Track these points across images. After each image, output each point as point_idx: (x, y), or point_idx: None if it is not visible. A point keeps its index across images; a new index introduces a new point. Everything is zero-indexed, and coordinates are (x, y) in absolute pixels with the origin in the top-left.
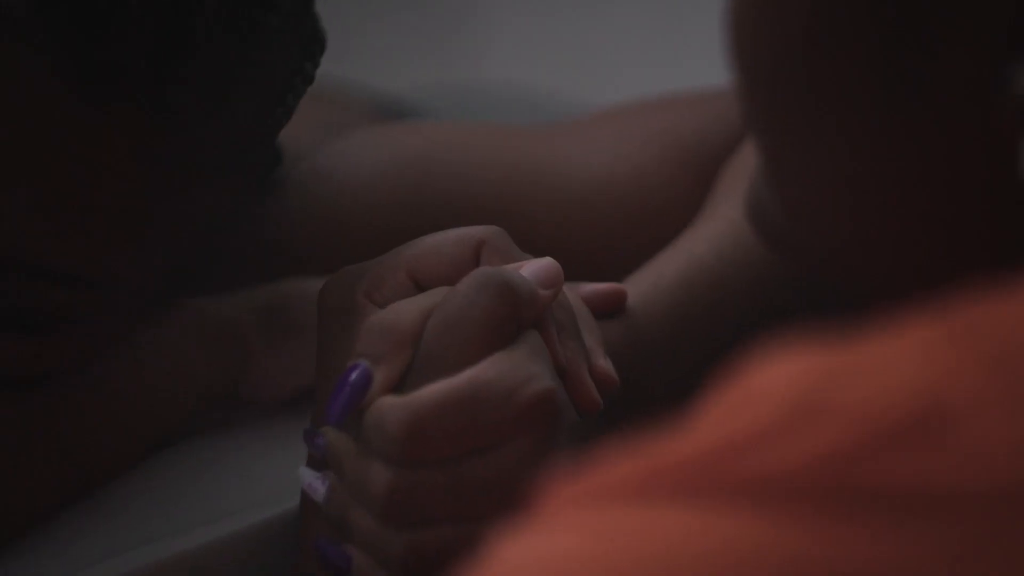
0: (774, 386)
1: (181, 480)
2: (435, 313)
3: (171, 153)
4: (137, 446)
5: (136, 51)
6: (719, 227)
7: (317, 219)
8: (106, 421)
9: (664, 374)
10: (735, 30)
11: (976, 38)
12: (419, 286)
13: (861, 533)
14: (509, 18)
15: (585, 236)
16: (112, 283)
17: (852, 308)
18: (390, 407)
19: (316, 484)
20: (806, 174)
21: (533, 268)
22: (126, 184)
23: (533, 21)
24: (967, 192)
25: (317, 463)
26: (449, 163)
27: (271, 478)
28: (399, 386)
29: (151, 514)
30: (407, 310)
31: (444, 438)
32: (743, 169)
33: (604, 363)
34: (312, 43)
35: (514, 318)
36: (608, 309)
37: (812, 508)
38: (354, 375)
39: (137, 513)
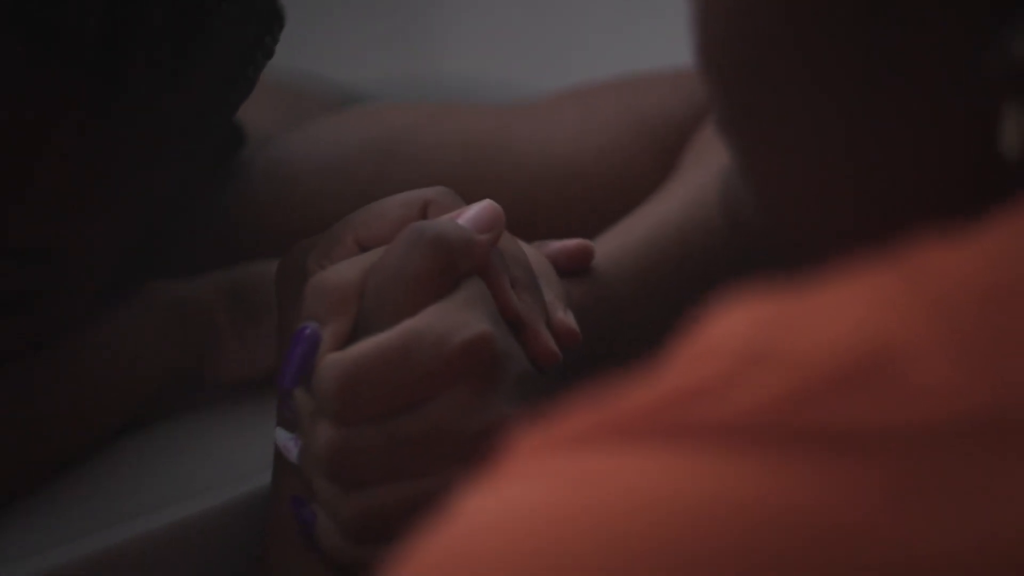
0: (728, 335)
1: (151, 459)
2: (372, 270)
3: (124, 123)
4: (105, 426)
5: (88, 19)
6: (686, 190)
7: (281, 203)
8: (72, 400)
9: (631, 331)
10: (703, 35)
11: (956, 5)
12: (366, 250)
13: (809, 472)
14: (470, 10)
15: (549, 214)
16: (68, 256)
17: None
18: (325, 365)
19: (289, 445)
20: (784, 169)
21: (469, 214)
22: (77, 154)
23: (494, 13)
24: (946, 167)
25: (291, 424)
26: (411, 145)
27: (241, 457)
28: (350, 344)
29: (121, 493)
30: (347, 268)
31: (377, 393)
32: (708, 142)
33: (564, 316)
34: (270, 16)
35: (450, 268)
36: (575, 266)
37: (763, 449)
38: (302, 336)
39: (107, 492)
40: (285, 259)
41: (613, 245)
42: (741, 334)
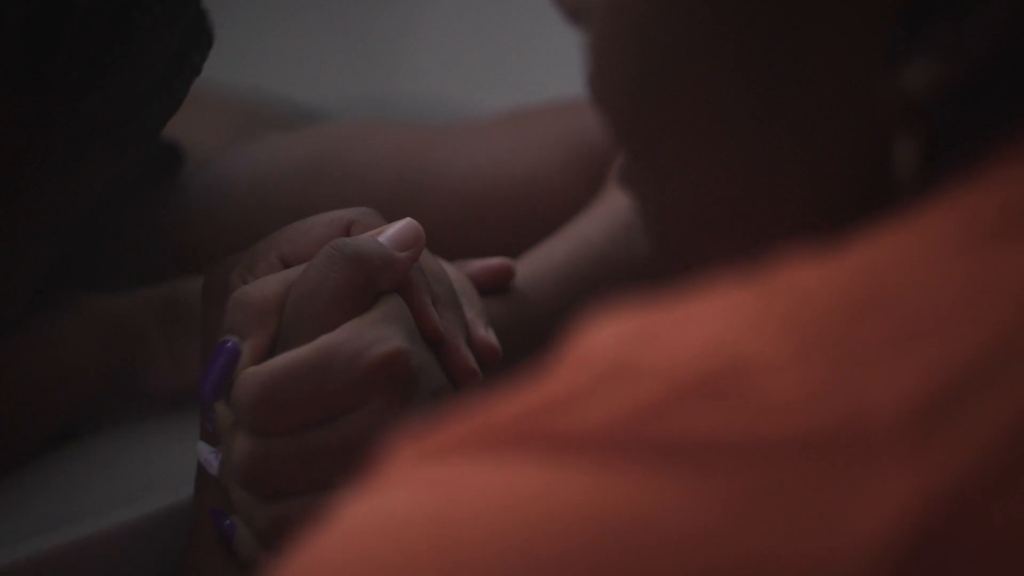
0: (594, 347)
1: (79, 469)
2: (293, 286)
3: (42, 126)
4: (34, 435)
5: (9, 24)
6: (609, 211)
7: (214, 221)
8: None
9: (548, 348)
10: (593, 66)
11: (851, 34)
12: (288, 267)
13: (660, 483)
14: (434, 29)
15: (477, 236)
16: None
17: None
18: (243, 378)
19: (210, 458)
20: (673, 198)
21: (390, 232)
22: None
23: (452, 31)
24: (834, 192)
25: (212, 438)
26: (342, 164)
27: (168, 468)
28: (270, 358)
29: (49, 503)
30: (267, 284)
31: (292, 406)
32: None
33: (485, 333)
34: (197, 33)
35: (368, 285)
36: (496, 284)
37: (613, 462)
38: (222, 350)
39: (34, 502)
40: (210, 274)
41: (536, 264)
42: (605, 347)
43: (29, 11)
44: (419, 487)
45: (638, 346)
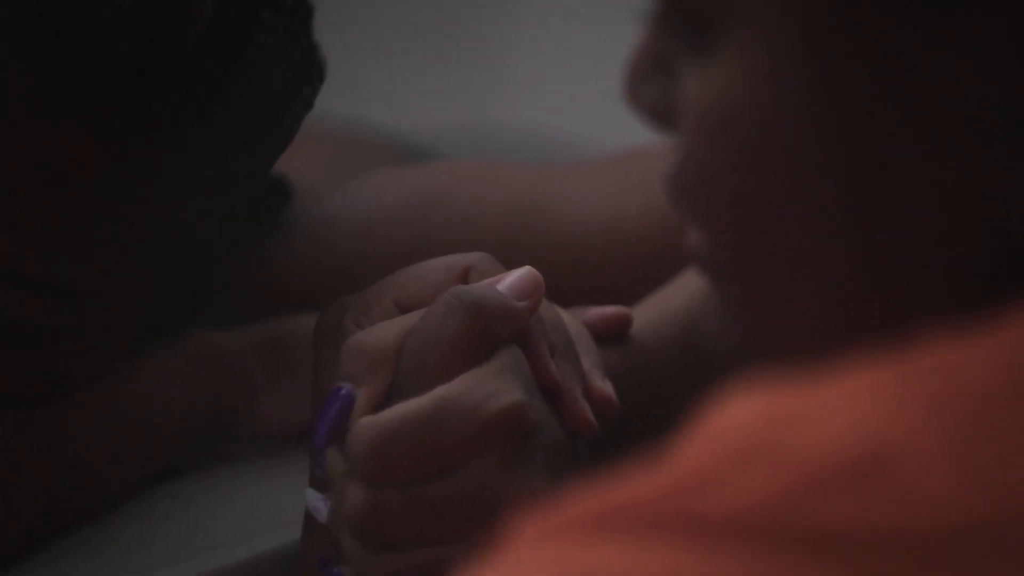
0: (729, 427)
1: (181, 510)
2: (410, 334)
3: (152, 164)
4: (137, 475)
5: (120, 59)
6: None
7: (324, 260)
8: (101, 448)
9: (667, 402)
10: (684, 183)
11: (965, 144)
12: (404, 312)
13: (801, 573)
14: (532, 58)
15: (588, 279)
16: (92, 294)
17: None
18: (359, 427)
19: (319, 505)
20: (781, 299)
21: (509, 280)
22: (102, 192)
23: (556, 62)
24: (960, 271)
25: (322, 484)
26: (451, 207)
27: (270, 510)
28: (385, 406)
29: (150, 543)
30: (384, 330)
31: (408, 458)
32: None
33: (602, 385)
34: (309, 68)
35: (487, 335)
36: (613, 334)
37: (756, 548)
38: (336, 397)
39: (136, 542)
40: (323, 316)
41: (651, 313)
42: (741, 427)
43: (140, 47)
44: (542, 568)
45: (777, 427)
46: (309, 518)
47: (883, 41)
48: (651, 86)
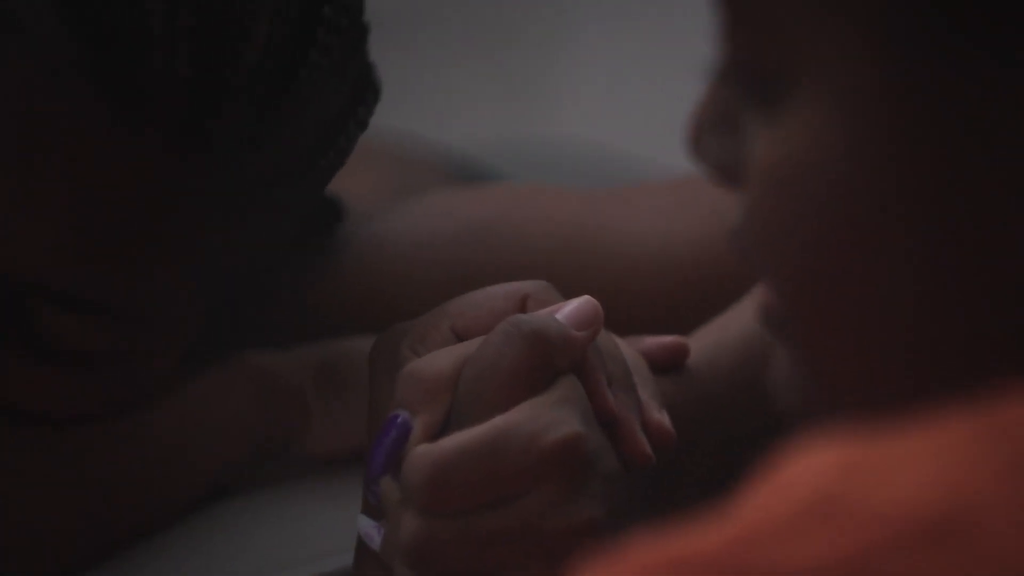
0: (802, 480)
1: (230, 532)
2: (467, 363)
3: (207, 185)
4: (183, 496)
5: (176, 80)
6: None
7: (373, 284)
8: (154, 467)
9: (723, 433)
10: (756, 242)
11: None
12: (461, 340)
13: None
14: (584, 73)
15: (641, 305)
16: (151, 315)
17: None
18: (415, 456)
19: (372, 532)
20: (846, 365)
21: (568, 310)
22: (156, 213)
23: (609, 77)
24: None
25: (375, 511)
26: (499, 231)
27: (320, 535)
28: (442, 435)
29: (199, 565)
30: (441, 358)
31: (464, 488)
32: None
33: (659, 416)
34: (365, 88)
35: (545, 365)
36: (670, 363)
37: None
38: (393, 425)
39: (185, 562)
40: (379, 341)
41: (707, 342)
42: (816, 480)
43: (197, 67)
44: None
45: (853, 481)
46: (361, 545)
47: (958, 98)
48: (716, 141)
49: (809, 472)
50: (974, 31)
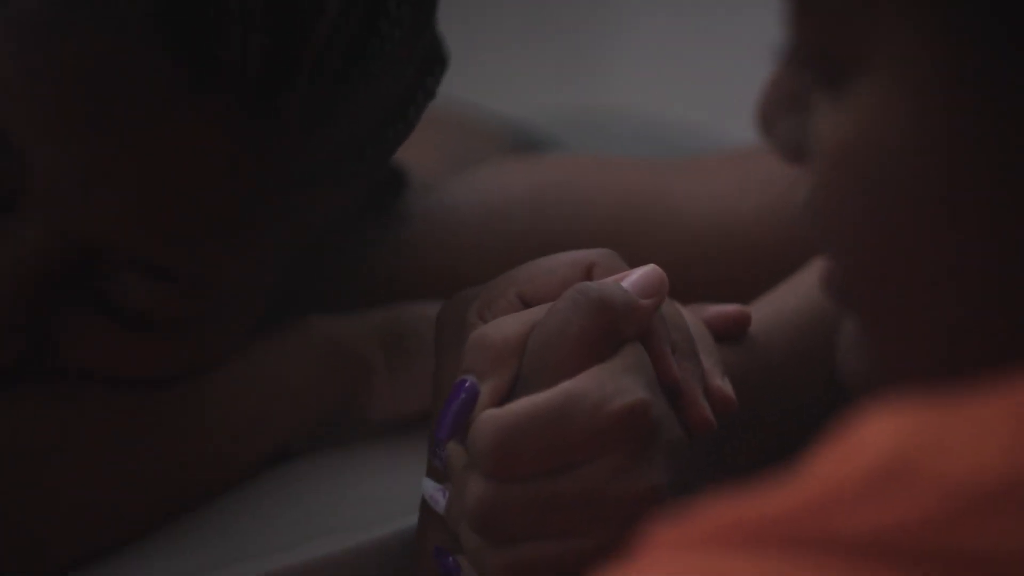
0: (871, 445)
1: (297, 494)
2: (535, 329)
3: (279, 156)
4: (252, 458)
5: (250, 53)
6: None
7: (439, 251)
8: (221, 430)
9: (782, 403)
10: (819, 215)
11: None
12: (528, 306)
13: None
14: (644, 43)
15: (700, 274)
16: (225, 283)
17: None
18: (482, 421)
19: (437, 495)
20: (911, 334)
21: (634, 278)
22: (229, 182)
23: (668, 47)
24: None
25: (440, 475)
26: (561, 200)
27: (384, 498)
28: (509, 400)
29: (265, 526)
30: (509, 324)
31: (531, 453)
32: None
33: (722, 384)
34: (432, 58)
35: (612, 332)
36: (732, 332)
37: (896, 570)
38: (460, 390)
39: (251, 524)
40: (446, 307)
41: (768, 312)
42: (882, 446)
43: (271, 40)
44: (678, 574)
45: (919, 447)
46: (426, 508)
47: (1017, 85)
48: (784, 120)
49: (877, 438)
50: None
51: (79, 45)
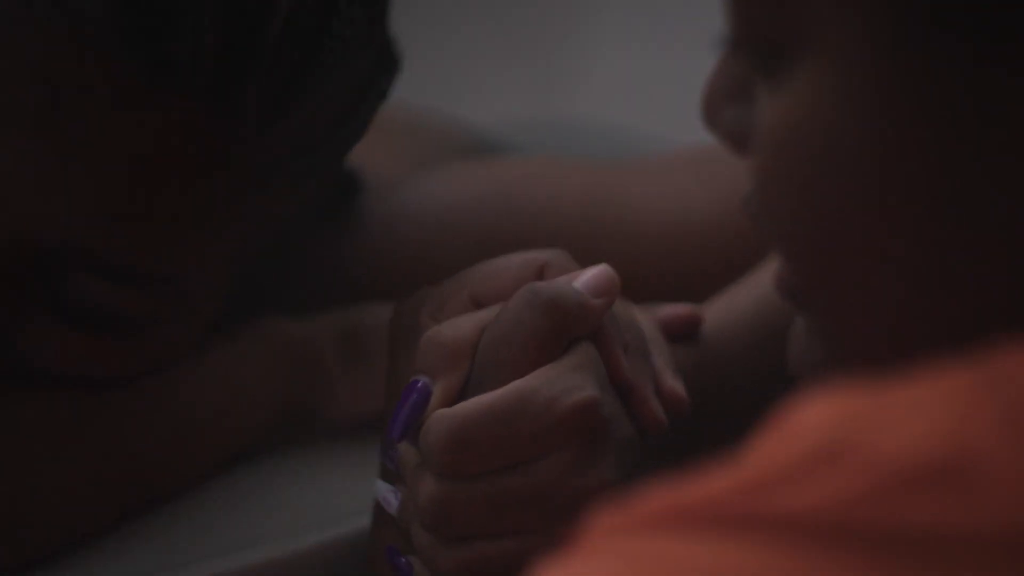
0: (808, 427)
1: (252, 494)
2: (487, 329)
3: (233, 154)
4: (207, 459)
5: (203, 50)
6: None
7: (395, 253)
8: (175, 430)
9: (735, 399)
10: (766, 209)
11: None
12: (480, 307)
13: (876, 573)
14: (601, 52)
15: (657, 275)
16: (185, 281)
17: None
18: (433, 420)
19: (389, 497)
20: (855, 321)
21: (585, 278)
22: (183, 181)
23: (626, 55)
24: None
25: (392, 476)
26: (523, 201)
27: (340, 497)
28: (460, 400)
29: (221, 526)
30: (461, 325)
31: (482, 450)
32: None
33: (673, 383)
34: (385, 59)
35: (563, 332)
36: (685, 332)
37: (834, 547)
38: (413, 390)
39: (207, 524)
40: (399, 308)
41: (720, 311)
42: (821, 427)
43: (224, 37)
44: (618, 558)
45: (857, 428)
46: (378, 509)
47: (957, 64)
48: (729, 110)
49: (814, 419)
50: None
51: (32, 42)
